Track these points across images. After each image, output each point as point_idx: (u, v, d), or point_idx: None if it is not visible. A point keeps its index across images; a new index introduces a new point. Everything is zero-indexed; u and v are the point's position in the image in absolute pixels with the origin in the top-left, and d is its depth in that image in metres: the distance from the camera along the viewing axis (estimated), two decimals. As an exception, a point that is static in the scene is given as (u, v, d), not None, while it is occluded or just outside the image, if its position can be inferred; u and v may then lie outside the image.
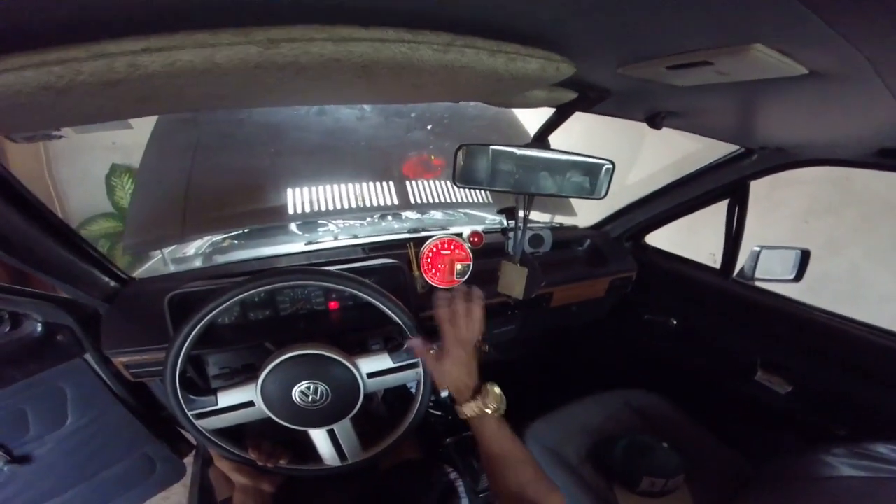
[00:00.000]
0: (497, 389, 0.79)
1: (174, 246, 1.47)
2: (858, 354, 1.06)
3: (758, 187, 1.20)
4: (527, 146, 0.76)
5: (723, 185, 1.23)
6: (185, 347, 0.80)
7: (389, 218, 1.56)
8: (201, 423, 0.86)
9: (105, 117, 0.51)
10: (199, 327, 0.80)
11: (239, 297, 0.81)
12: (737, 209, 1.23)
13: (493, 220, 1.66)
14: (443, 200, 1.61)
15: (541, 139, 0.78)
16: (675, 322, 1.49)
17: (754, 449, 1.16)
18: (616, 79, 0.55)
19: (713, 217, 1.32)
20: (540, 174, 0.75)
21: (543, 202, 0.99)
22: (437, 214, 1.65)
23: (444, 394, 1.06)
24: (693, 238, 1.70)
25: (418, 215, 1.60)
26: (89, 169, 2.74)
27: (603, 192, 0.81)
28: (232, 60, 0.34)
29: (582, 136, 1.43)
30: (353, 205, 1.51)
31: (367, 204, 1.52)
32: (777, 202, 1.89)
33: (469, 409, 0.76)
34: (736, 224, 1.24)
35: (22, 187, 0.75)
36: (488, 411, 0.76)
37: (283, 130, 1.56)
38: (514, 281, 0.99)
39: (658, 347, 1.59)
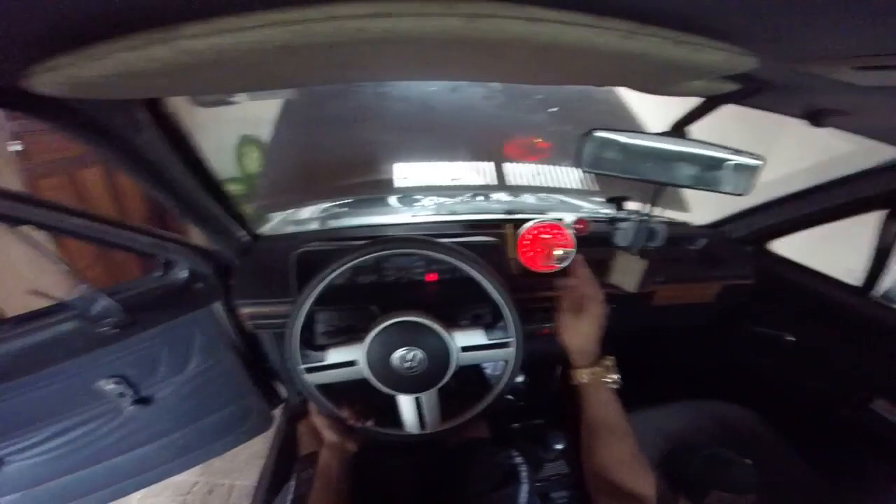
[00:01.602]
0: (609, 361, 0.81)
1: (294, 209, 1.63)
2: None
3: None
4: (665, 134, 0.72)
5: (885, 192, 1.05)
6: (309, 303, 0.86)
7: (484, 198, 1.57)
8: (309, 378, 0.92)
9: (306, 80, 0.57)
10: (323, 285, 0.85)
11: (363, 258, 0.86)
12: (891, 222, 1.05)
13: (591, 209, 1.59)
14: (543, 184, 1.59)
15: (679, 128, 0.73)
16: (790, 338, 1.33)
17: (853, 480, 1.07)
18: (788, 73, 0.50)
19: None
20: (677, 163, 0.71)
21: (656, 195, 0.93)
22: (533, 198, 1.62)
23: (519, 378, 1.05)
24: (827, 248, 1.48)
25: (514, 197, 1.60)
26: (221, 138, 3.12)
27: (743, 189, 0.75)
28: (438, 31, 0.36)
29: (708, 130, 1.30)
30: (456, 182, 1.55)
31: (469, 182, 1.55)
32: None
33: (587, 375, 0.79)
34: (891, 238, 1.07)
35: (192, 141, 0.85)
36: (605, 380, 0.78)
37: (408, 105, 1.63)
38: (628, 272, 0.96)
39: (763, 363, 1.46)
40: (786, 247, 1.41)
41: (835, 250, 1.42)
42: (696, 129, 0.82)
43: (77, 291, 0.93)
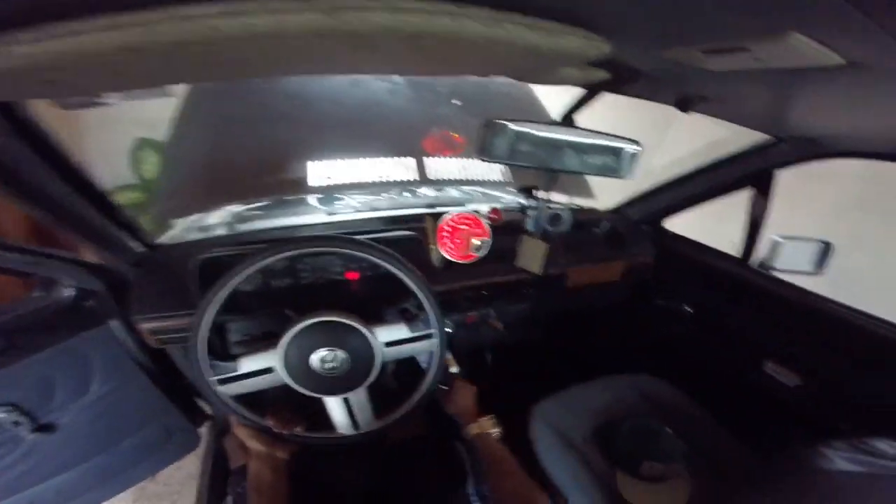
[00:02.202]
0: (492, 418, 1.00)
1: (198, 214, 1.50)
2: (870, 349, 1.05)
3: (788, 180, 1.17)
4: (553, 124, 0.76)
5: (748, 174, 1.21)
6: (212, 312, 0.82)
7: (406, 193, 1.57)
8: (222, 389, 0.87)
9: (167, 79, 0.53)
10: (226, 291, 0.81)
11: (269, 260, 0.83)
12: (760, 199, 1.21)
13: (510, 200, 1.66)
14: (461, 178, 1.62)
15: (567, 118, 0.78)
16: (688, 309, 1.49)
17: (759, 439, 1.17)
18: (649, 61, 0.55)
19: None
20: (565, 152, 0.76)
21: (562, 184, 0.99)
22: (454, 191, 1.65)
23: (453, 369, 1.08)
24: (720, 227, 1.67)
25: (436, 192, 1.61)
26: (115, 141, 2.83)
27: (627, 174, 0.81)
28: (299, 27, 0.35)
29: (608, 119, 1.41)
30: (373, 179, 1.52)
31: (387, 178, 1.53)
32: (807, 196, 1.84)
33: (474, 429, 0.96)
34: (758, 214, 1.22)
35: (60, 147, 0.77)
36: (489, 431, 0.96)
37: (312, 102, 1.57)
38: (533, 255, 1.01)
39: (670, 334, 1.60)
40: (683, 224, 1.56)
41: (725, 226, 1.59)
42: (601, 118, 0.87)
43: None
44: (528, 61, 0.51)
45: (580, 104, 0.76)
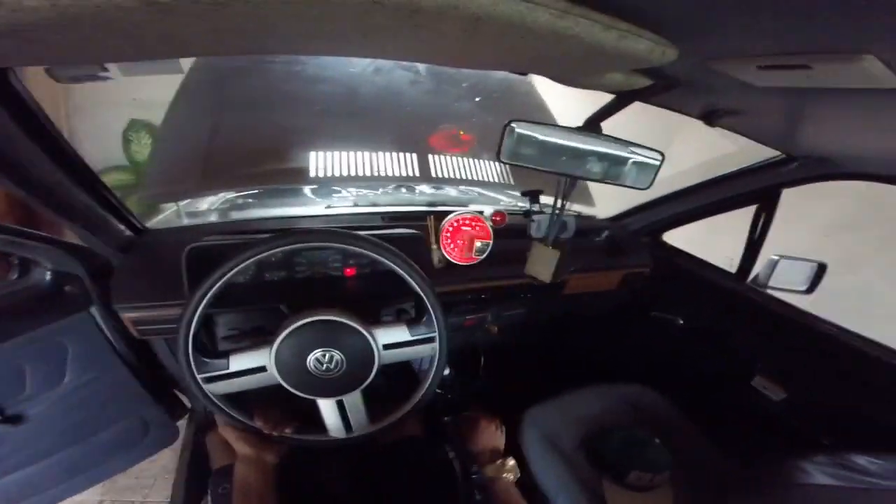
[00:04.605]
0: (512, 461, 0.99)
1: (190, 199, 1.45)
2: (856, 367, 1.07)
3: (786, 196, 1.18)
4: (579, 129, 0.74)
5: (754, 190, 1.21)
6: (202, 305, 0.76)
7: (406, 190, 1.54)
8: (209, 388, 0.82)
9: (171, 51, 0.48)
10: (220, 283, 0.76)
11: (268, 252, 0.77)
12: (763, 216, 1.21)
13: (510, 202, 1.64)
14: (464, 177, 1.60)
15: (593, 124, 0.76)
16: (681, 321, 1.49)
17: (744, 452, 1.18)
18: (695, 71, 0.54)
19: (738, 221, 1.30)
20: (588, 158, 0.75)
21: (564, 190, 0.98)
22: (454, 191, 1.63)
23: (445, 372, 1.06)
24: (711, 239, 1.68)
25: (436, 190, 1.59)
26: (107, 123, 2.72)
27: (648, 184, 0.81)
28: None
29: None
30: (375, 173, 1.49)
31: (389, 173, 1.50)
32: (801, 213, 1.86)
33: (491, 470, 0.95)
34: (760, 231, 1.23)
35: (50, 125, 0.72)
36: (506, 474, 0.95)
37: (325, 87, 1.52)
38: (543, 263, 0.99)
39: (662, 345, 1.61)
40: (681, 238, 1.57)
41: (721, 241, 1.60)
42: (605, 126, 0.86)
43: None
44: (582, 61, 0.49)
45: (608, 111, 0.74)
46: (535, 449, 1.16)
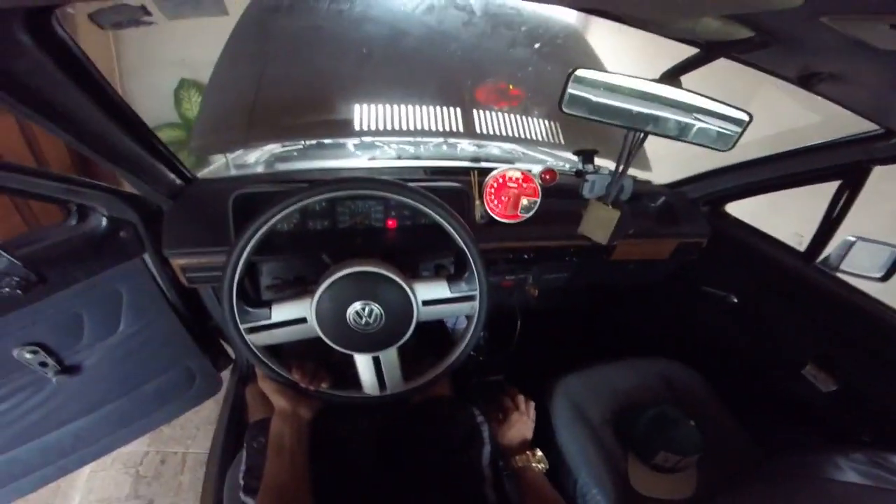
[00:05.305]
0: (540, 453, 0.97)
1: (238, 151, 1.47)
2: None
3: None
4: (655, 81, 0.67)
5: (840, 165, 1.09)
6: (247, 250, 0.76)
7: (449, 146, 1.49)
8: (251, 338, 0.83)
9: None
10: (264, 229, 0.75)
11: (310, 199, 0.76)
12: (847, 193, 1.09)
13: (556, 163, 1.56)
14: (511, 134, 1.52)
15: (673, 76, 0.69)
16: (735, 299, 1.39)
17: (779, 441, 1.14)
18: (808, 25, 0.46)
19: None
20: (663, 113, 0.68)
21: (616, 152, 0.91)
22: (499, 149, 1.56)
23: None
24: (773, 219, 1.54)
25: (479, 148, 1.53)
26: (158, 83, 2.86)
27: (729, 145, 0.74)
28: None
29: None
30: (418, 126, 1.45)
31: (433, 128, 1.45)
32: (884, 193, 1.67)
33: (520, 461, 0.94)
34: (840, 209, 1.11)
35: (97, 74, 0.71)
36: (534, 465, 0.94)
37: (372, 29, 1.46)
38: (601, 224, 0.93)
39: (708, 322, 1.52)
40: (742, 210, 1.44)
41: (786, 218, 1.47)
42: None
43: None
44: None
45: (690, 65, 0.66)
46: (563, 419, 1.15)
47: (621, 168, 0.89)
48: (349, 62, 1.46)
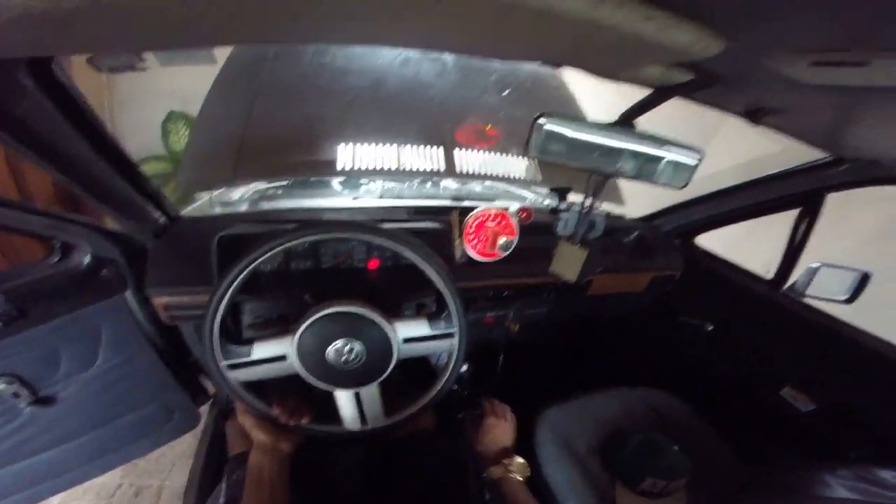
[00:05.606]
0: (521, 460, 0.96)
1: (222, 189, 1.49)
2: (891, 379, 1.02)
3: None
4: (612, 125, 0.72)
5: (797, 193, 1.15)
6: (230, 291, 0.78)
7: (433, 184, 1.53)
8: (232, 374, 0.83)
9: (195, 40, 0.49)
10: (247, 271, 0.77)
11: (295, 241, 0.79)
12: (806, 221, 1.15)
13: (537, 199, 1.62)
14: (491, 173, 1.58)
15: (628, 119, 0.74)
16: (710, 327, 1.44)
17: (765, 462, 1.15)
18: (743, 66, 0.51)
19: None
20: (621, 156, 0.72)
21: (593, 188, 0.95)
22: (480, 187, 1.61)
23: (463, 367, 1.05)
24: (748, 244, 1.61)
25: (462, 185, 1.58)
26: (148, 115, 2.87)
27: (683, 183, 0.77)
28: None
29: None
30: (402, 166, 1.49)
31: (415, 167, 1.50)
32: (844, 218, 1.75)
33: (497, 471, 0.93)
34: (801, 236, 1.17)
35: (92, 115, 0.74)
36: (512, 474, 0.92)
37: (353, 78, 1.53)
38: (569, 262, 0.96)
39: (687, 351, 1.55)
40: (713, 240, 1.51)
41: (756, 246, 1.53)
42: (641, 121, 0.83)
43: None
44: (619, 53, 0.47)
45: (644, 106, 0.71)
46: (549, 450, 1.15)
47: (586, 209, 0.93)
48: (333, 106, 1.52)
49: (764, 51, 0.46)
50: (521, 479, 0.93)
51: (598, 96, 1.64)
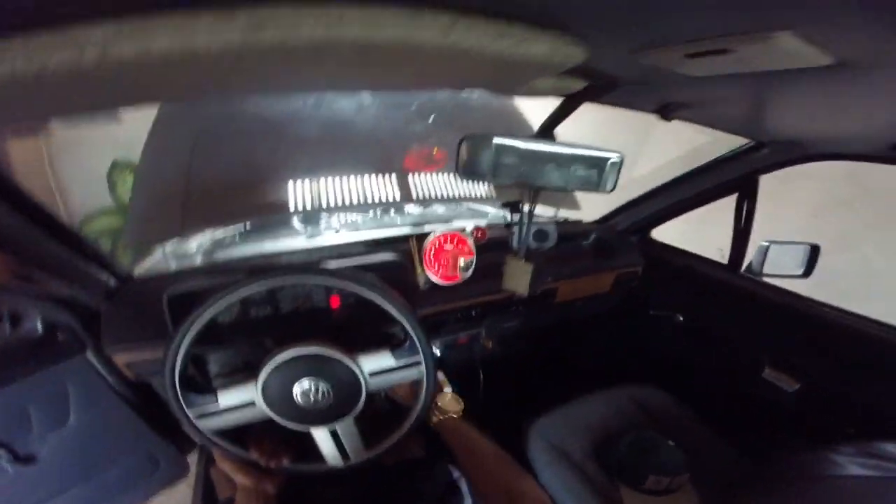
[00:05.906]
0: (449, 392, 0.93)
1: (175, 242, 1.45)
2: (868, 351, 1.04)
3: (768, 182, 1.17)
4: (532, 138, 0.73)
5: (732, 180, 1.20)
6: (183, 346, 0.77)
7: (391, 212, 1.53)
8: (203, 424, 0.83)
9: (83, 109, 0.48)
10: (196, 327, 0.77)
11: (237, 296, 0.78)
12: (745, 203, 1.20)
13: (497, 214, 1.63)
14: (445, 194, 1.59)
15: (547, 131, 0.76)
16: (680, 318, 1.46)
17: (759, 447, 1.15)
18: (628, 67, 0.53)
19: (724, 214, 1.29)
20: (546, 167, 0.73)
21: (549, 196, 0.97)
22: (439, 208, 1.62)
23: (446, 389, 1.04)
24: (702, 231, 1.67)
25: (420, 209, 1.58)
26: (91, 163, 2.67)
27: (610, 186, 0.78)
28: (212, 46, 0.32)
29: (591, 128, 1.39)
30: (355, 199, 1.49)
31: (369, 198, 1.50)
32: (788, 197, 1.85)
33: (430, 418, 0.90)
34: (745, 219, 1.21)
35: (16, 183, 0.72)
36: (450, 413, 0.91)
37: (281, 122, 1.53)
38: (518, 277, 0.98)
39: (663, 343, 1.57)
40: (670, 232, 1.55)
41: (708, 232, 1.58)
42: (577, 130, 0.85)
43: None
44: (495, 72, 0.48)
45: (559, 117, 0.73)
46: (544, 461, 1.14)
47: (525, 223, 0.94)
48: (277, 146, 1.51)
49: (635, 49, 0.48)
50: (455, 416, 0.92)
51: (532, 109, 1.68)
